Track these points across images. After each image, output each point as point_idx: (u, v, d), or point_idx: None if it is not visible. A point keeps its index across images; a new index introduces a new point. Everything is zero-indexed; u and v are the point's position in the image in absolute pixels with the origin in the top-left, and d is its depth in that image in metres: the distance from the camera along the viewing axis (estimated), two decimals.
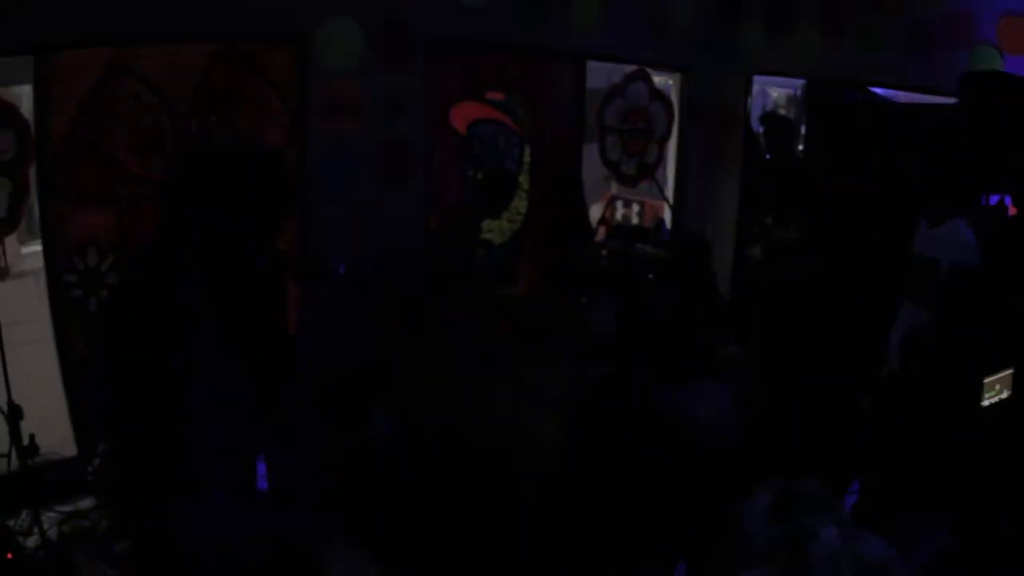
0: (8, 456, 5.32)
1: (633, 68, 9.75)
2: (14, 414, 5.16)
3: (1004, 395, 5.77)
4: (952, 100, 8.15)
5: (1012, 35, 8.31)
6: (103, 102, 6.26)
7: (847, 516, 3.51)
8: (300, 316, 6.95)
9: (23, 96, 6.13)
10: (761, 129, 9.91)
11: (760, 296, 9.11)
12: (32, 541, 5.34)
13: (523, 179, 8.82)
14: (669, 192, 10.18)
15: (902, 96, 9.53)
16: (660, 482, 5.89)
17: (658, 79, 10.14)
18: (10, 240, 6.70)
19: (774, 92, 12.94)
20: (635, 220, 11.12)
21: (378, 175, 7.58)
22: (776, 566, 2.91)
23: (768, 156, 9.64)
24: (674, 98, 10.26)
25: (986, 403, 5.79)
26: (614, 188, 11.04)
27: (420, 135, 7.90)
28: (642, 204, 11.15)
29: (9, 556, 4.97)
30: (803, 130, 10.59)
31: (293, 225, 7.13)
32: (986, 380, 5.76)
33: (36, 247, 6.48)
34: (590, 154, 9.69)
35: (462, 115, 8.19)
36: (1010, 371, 5.76)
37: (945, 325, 5.86)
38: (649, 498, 5.91)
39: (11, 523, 5.41)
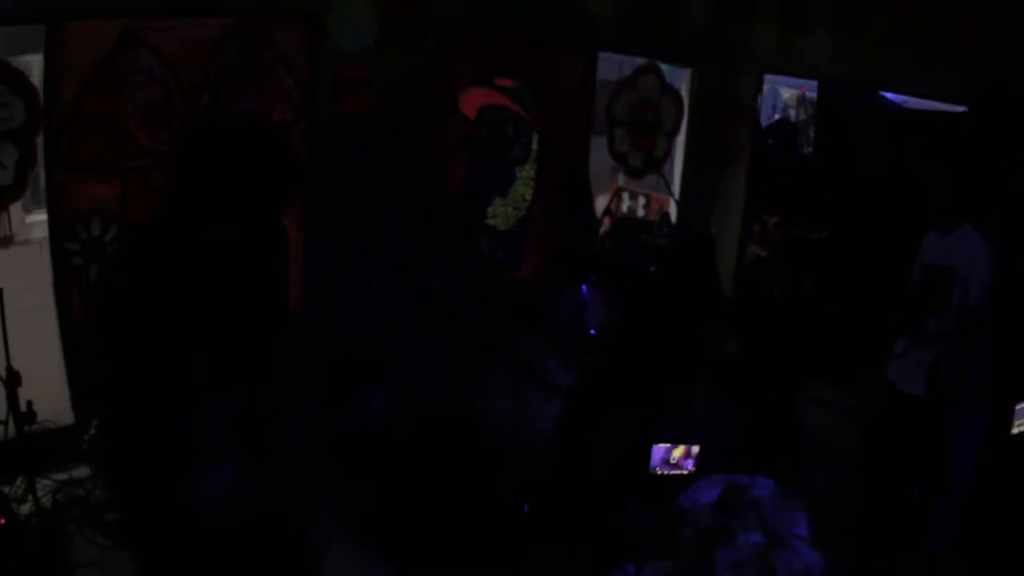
0: (5, 423, 5.32)
1: (644, 61, 9.73)
2: (12, 380, 5.16)
3: None
4: (962, 108, 8.15)
5: None
6: (114, 73, 6.23)
7: (792, 523, 3.42)
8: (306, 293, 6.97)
9: (33, 65, 6.11)
10: (770, 140, 9.90)
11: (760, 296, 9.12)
12: (26, 508, 5.34)
13: (530, 167, 8.80)
14: (676, 186, 10.17)
15: (913, 102, 9.53)
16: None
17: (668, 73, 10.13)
18: (15, 208, 6.71)
19: (785, 92, 12.93)
20: (640, 213, 11.11)
21: (386, 156, 7.57)
22: (683, 562, 2.87)
23: (776, 158, 9.63)
24: (684, 93, 10.24)
25: (1016, 431, 5.75)
26: (621, 180, 11.02)
27: (429, 118, 7.87)
28: (648, 197, 11.13)
29: (2, 522, 4.97)
30: (812, 131, 10.59)
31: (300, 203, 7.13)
32: (1018, 407, 5.72)
33: (41, 216, 6.48)
34: (598, 146, 9.67)
35: (471, 100, 8.17)
36: None
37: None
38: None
39: (6, 490, 5.42)
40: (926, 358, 5.99)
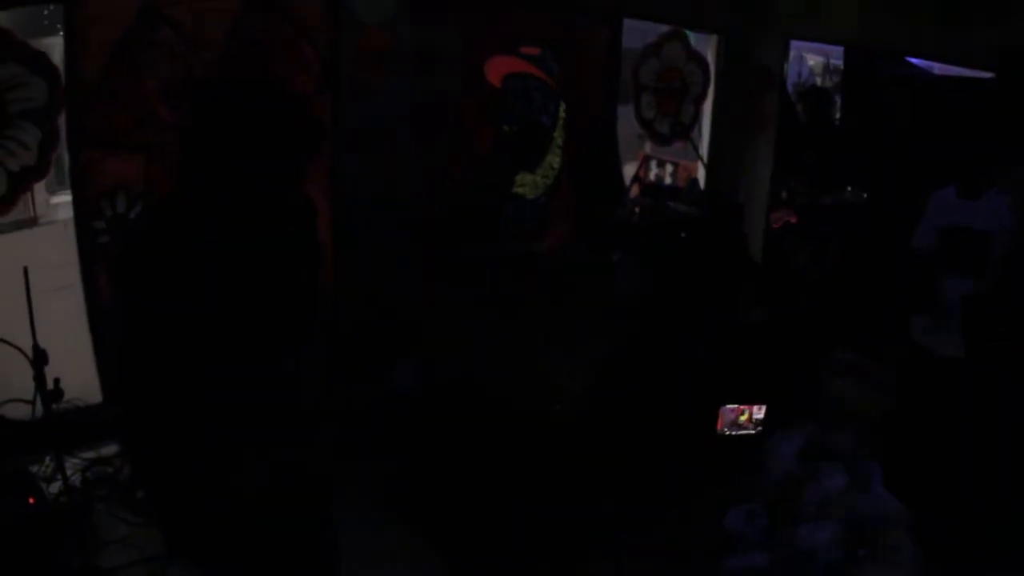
0: (33, 401, 5.31)
1: (669, 28, 9.64)
2: (39, 358, 5.15)
3: None
4: (989, 75, 8.07)
5: None
6: (134, 49, 6.22)
7: (870, 471, 3.46)
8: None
9: (54, 48, 6.11)
10: (800, 105, 9.83)
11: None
12: (55, 487, 5.35)
13: (557, 135, 8.74)
14: (703, 153, 10.10)
15: (938, 69, 9.45)
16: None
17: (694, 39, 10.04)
18: (39, 188, 6.71)
19: (811, 60, 12.82)
20: (668, 180, 11.05)
21: (410, 127, 7.53)
22: (771, 502, 2.91)
23: (805, 125, 9.57)
24: (710, 59, 10.15)
25: None
26: (648, 147, 10.96)
27: (453, 88, 7.83)
28: (676, 164, 11.08)
29: (31, 501, 4.97)
30: (839, 99, 10.51)
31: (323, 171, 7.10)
32: None
33: (66, 197, 6.48)
34: (625, 113, 9.60)
35: (496, 69, 8.08)
36: None
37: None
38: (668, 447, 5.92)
39: (34, 469, 5.43)
40: (954, 321, 6.01)
